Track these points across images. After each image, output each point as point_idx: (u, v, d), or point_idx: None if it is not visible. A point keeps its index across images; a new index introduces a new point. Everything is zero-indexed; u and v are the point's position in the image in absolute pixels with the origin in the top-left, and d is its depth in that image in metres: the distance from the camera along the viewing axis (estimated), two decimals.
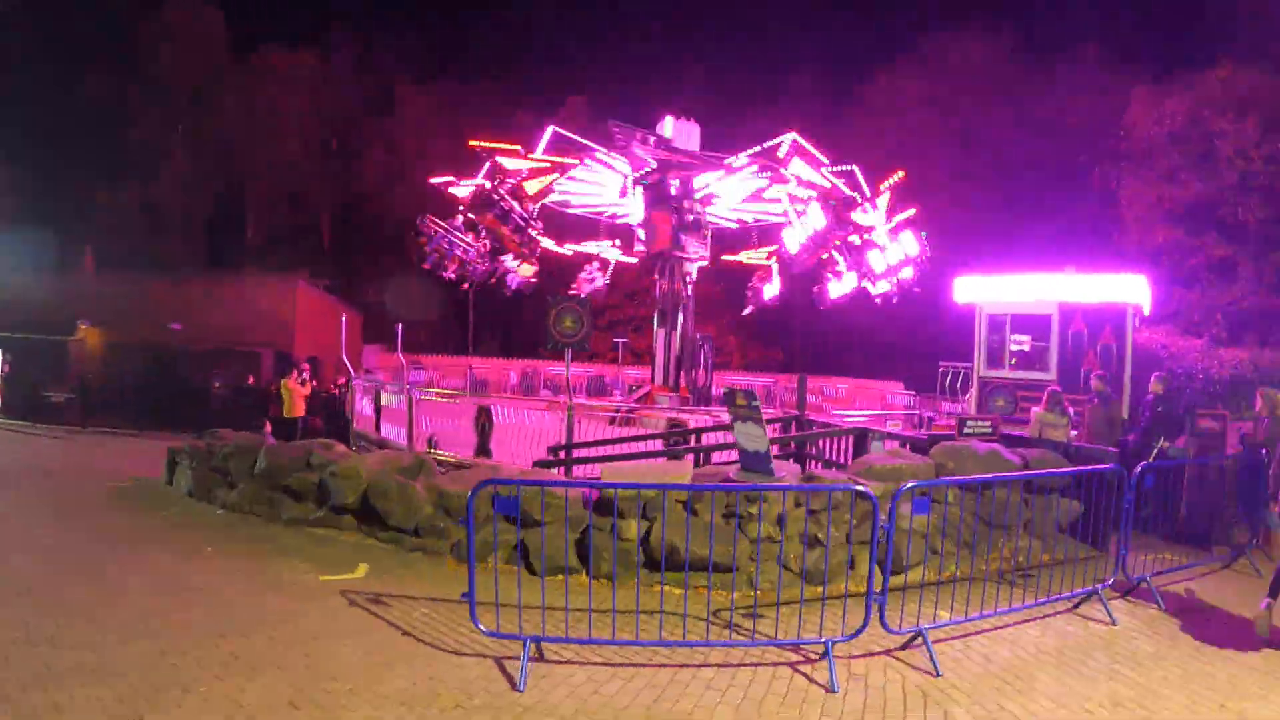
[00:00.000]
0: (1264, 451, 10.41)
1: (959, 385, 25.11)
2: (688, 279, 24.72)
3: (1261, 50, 31.77)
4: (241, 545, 10.40)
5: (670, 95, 41.25)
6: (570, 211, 26.91)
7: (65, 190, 46.53)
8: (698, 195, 23.66)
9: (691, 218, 24.00)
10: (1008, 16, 45.41)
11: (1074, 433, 13.89)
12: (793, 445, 13.87)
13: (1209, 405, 18.67)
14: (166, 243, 49.21)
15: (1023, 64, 41.90)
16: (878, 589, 6.91)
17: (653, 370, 25.57)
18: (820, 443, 13.51)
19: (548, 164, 21.97)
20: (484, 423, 14.15)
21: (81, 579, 8.82)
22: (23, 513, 12.54)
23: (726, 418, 9.68)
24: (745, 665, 6.56)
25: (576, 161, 22.48)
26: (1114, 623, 7.84)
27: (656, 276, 25.22)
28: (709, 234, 25.08)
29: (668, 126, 23.35)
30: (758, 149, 21.80)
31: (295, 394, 20.36)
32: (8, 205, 41.65)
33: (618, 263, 28.03)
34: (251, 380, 27.71)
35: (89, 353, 32.86)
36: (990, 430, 12.09)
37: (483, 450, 14.05)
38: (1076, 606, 8.25)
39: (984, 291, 21.35)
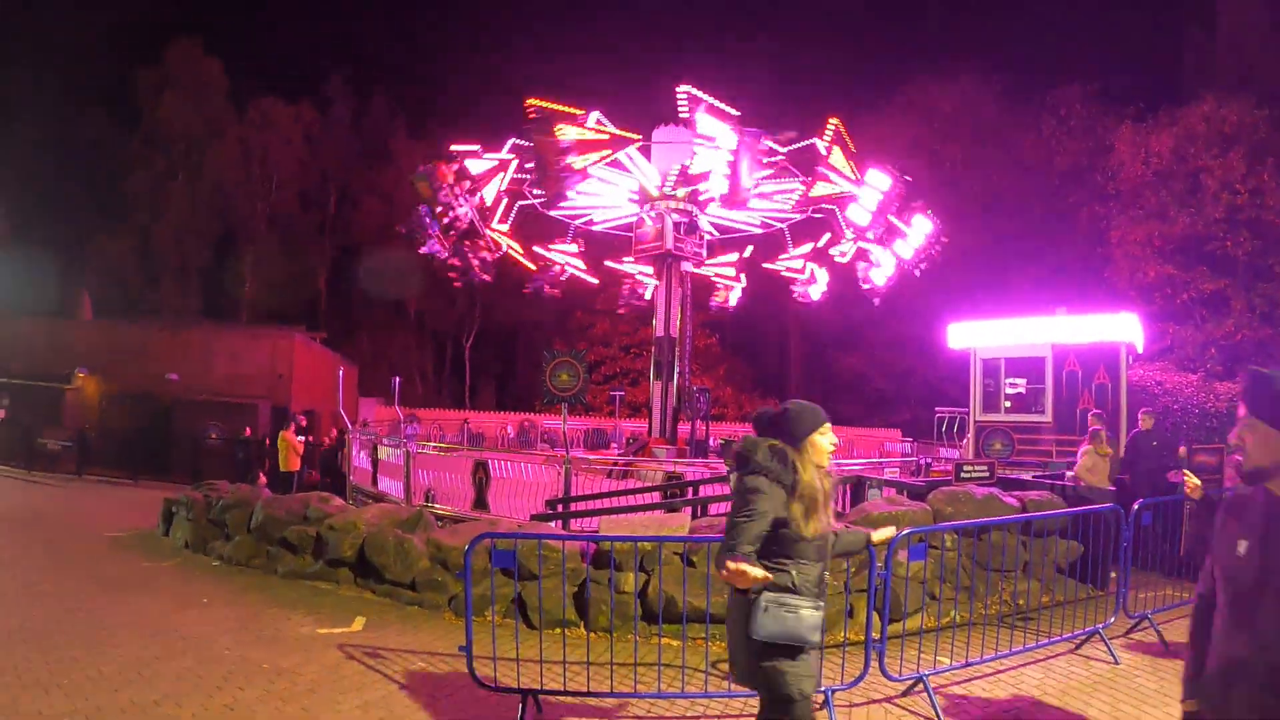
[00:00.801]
0: None
1: (955, 430, 25.14)
2: (685, 280, 25.00)
3: (1243, 82, 32.16)
4: (238, 597, 10.39)
5: None
6: (587, 223, 27.21)
7: (63, 236, 46.87)
8: (702, 197, 23.87)
9: (686, 219, 24.47)
10: (993, 59, 46.08)
11: (1069, 473, 13.91)
12: None
13: (1206, 440, 18.72)
14: (163, 290, 49.51)
15: (1009, 106, 42.24)
16: (876, 636, 6.91)
17: (649, 423, 25.62)
18: None
19: (606, 136, 21.86)
20: (481, 477, 14.13)
21: (76, 627, 8.82)
22: (19, 561, 12.50)
23: (724, 469, 9.69)
24: (745, 716, 6.53)
25: (638, 137, 22.59)
26: (1116, 662, 7.83)
27: (657, 284, 25.47)
28: (705, 237, 25.61)
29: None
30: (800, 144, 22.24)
31: (292, 447, 20.33)
32: (7, 250, 41.82)
33: (615, 320, 28.27)
34: (248, 432, 27.65)
35: (86, 401, 32.82)
36: (988, 474, 12.11)
37: (480, 504, 14.02)
38: (1078, 647, 8.24)
39: (977, 337, 21.51)
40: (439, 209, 21.71)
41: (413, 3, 76.00)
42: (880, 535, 5.09)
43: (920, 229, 22.51)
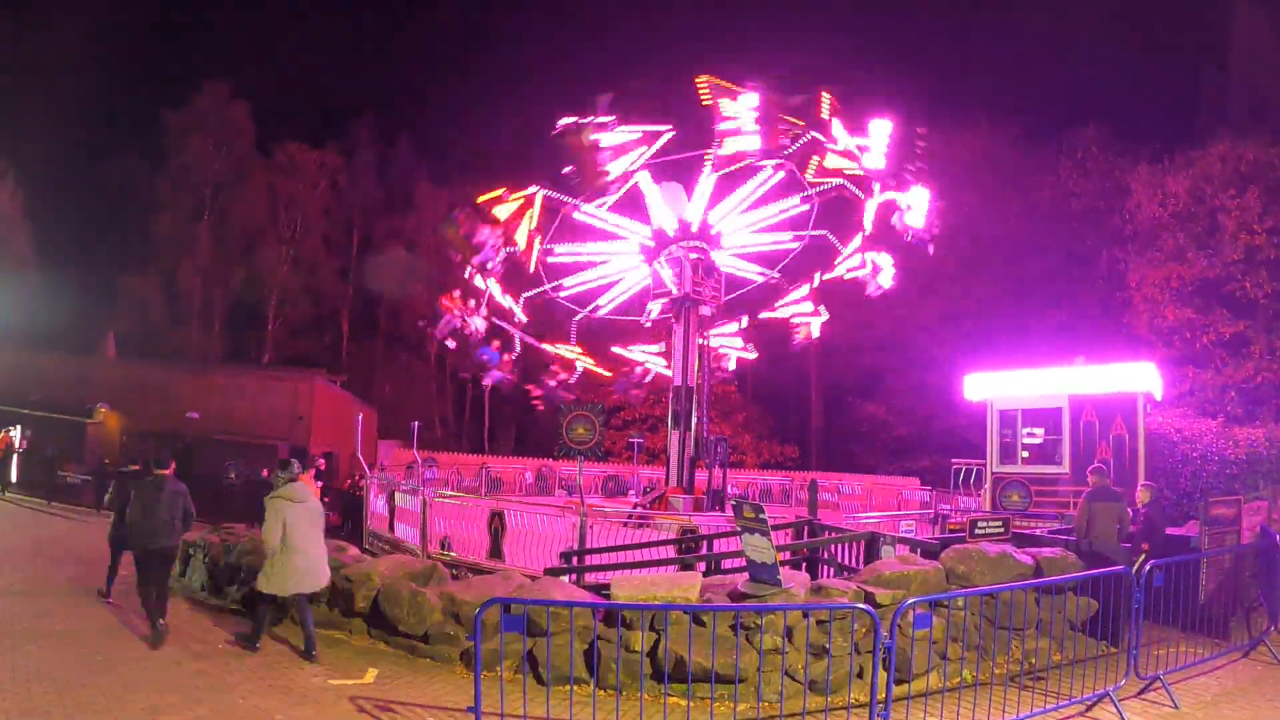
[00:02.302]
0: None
1: (973, 481, 25.02)
2: (704, 326, 25.32)
3: (1259, 121, 32.25)
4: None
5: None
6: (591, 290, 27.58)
7: (91, 275, 47.64)
8: (714, 230, 24.53)
9: (703, 260, 24.96)
10: (1010, 104, 46.41)
11: (1042, 531, 13.88)
12: (805, 550, 13.91)
13: (1226, 489, 18.55)
14: (187, 330, 50.07)
15: (1027, 151, 42.52)
16: (881, 699, 6.94)
17: (667, 471, 25.67)
18: (833, 547, 13.54)
19: (638, 134, 22.60)
20: (497, 526, 14.24)
21: (91, 669, 8.94)
22: (36, 597, 12.64)
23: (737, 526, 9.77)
24: None
25: (667, 128, 23.27)
26: None
27: (672, 329, 25.73)
28: (722, 280, 25.94)
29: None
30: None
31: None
32: (35, 287, 42.47)
33: (633, 363, 28.54)
34: (266, 473, 27.84)
35: (107, 436, 33.14)
36: (1002, 530, 12.09)
37: (495, 553, 14.11)
38: (1089, 709, 8.19)
39: (994, 388, 21.43)
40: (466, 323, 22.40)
41: (436, 52, 77.44)
42: None
43: (922, 197, 23.40)
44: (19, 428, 31.76)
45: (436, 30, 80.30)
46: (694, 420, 24.87)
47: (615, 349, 28.28)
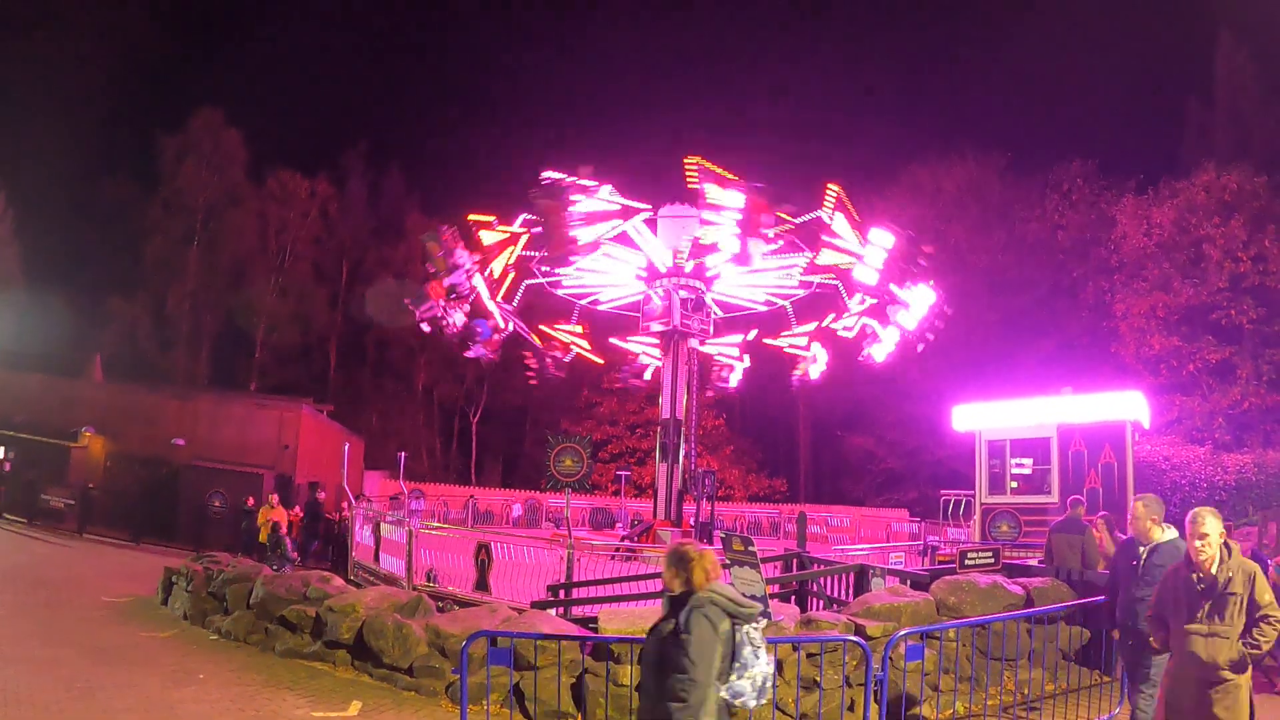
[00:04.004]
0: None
1: (962, 512, 24.96)
2: (692, 359, 25.08)
3: (1242, 151, 32.70)
4: (234, 674, 10.34)
5: None
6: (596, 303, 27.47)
7: (79, 296, 47.37)
8: (709, 272, 24.14)
9: (693, 296, 24.62)
10: (996, 137, 46.88)
11: (1032, 561, 13.83)
12: (794, 583, 13.83)
13: None
14: (174, 355, 49.82)
15: (1012, 182, 42.85)
16: None
17: (654, 504, 25.55)
18: (822, 580, 13.46)
19: (617, 206, 22.37)
20: (483, 558, 14.12)
21: (72, 696, 8.84)
22: (16, 622, 12.49)
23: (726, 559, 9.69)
24: None
25: (647, 207, 23.17)
26: None
27: (662, 362, 25.55)
28: (711, 314, 25.70)
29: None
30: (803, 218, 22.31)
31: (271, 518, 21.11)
32: (23, 307, 42.28)
33: (623, 398, 28.45)
34: (250, 501, 27.68)
35: (92, 460, 32.86)
36: (992, 560, 12.05)
37: (482, 585, 13.98)
38: None
39: (982, 418, 21.39)
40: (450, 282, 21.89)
41: (428, 81, 77.94)
42: None
43: (923, 299, 22.33)
44: (2, 449, 31.50)
45: (432, 60, 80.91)
46: (682, 453, 24.77)
47: (614, 340, 27.99)
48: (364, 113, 76.24)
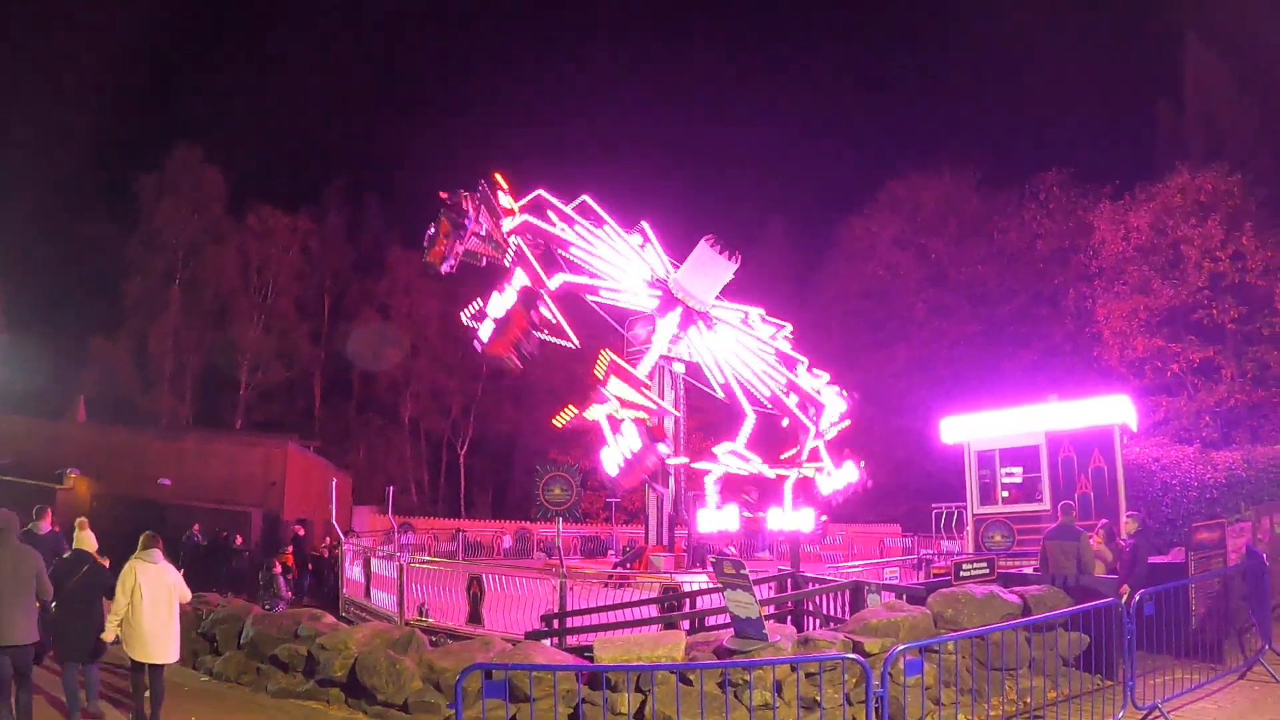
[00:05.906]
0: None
1: (954, 524, 24.91)
2: (678, 382, 24.64)
3: (1215, 152, 33.00)
4: (227, 716, 10.21)
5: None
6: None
7: (61, 336, 46.88)
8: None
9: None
10: (971, 148, 47.25)
11: (1027, 570, 13.81)
12: (789, 603, 13.77)
13: (1208, 513, 18.56)
14: (158, 394, 49.42)
15: (990, 193, 43.15)
16: None
17: (646, 530, 25.41)
18: (817, 598, 13.41)
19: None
20: (475, 591, 14.02)
21: None
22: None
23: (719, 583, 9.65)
24: None
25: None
26: None
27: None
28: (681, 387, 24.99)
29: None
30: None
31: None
32: (4, 347, 41.92)
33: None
34: (239, 540, 27.45)
35: (77, 501, 32.50)
36: (988, 570, 12.03)
37: (474, 618, 13.87)
38: None
39: (970, 429, 21.43)
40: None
41: (409, 116, 78.07)
42: None
43: (845, 473, 23.12)
44: None
45: (410, 94, 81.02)
46: (671, 478, 24.67)
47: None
48: (344, 147, 76.05)
